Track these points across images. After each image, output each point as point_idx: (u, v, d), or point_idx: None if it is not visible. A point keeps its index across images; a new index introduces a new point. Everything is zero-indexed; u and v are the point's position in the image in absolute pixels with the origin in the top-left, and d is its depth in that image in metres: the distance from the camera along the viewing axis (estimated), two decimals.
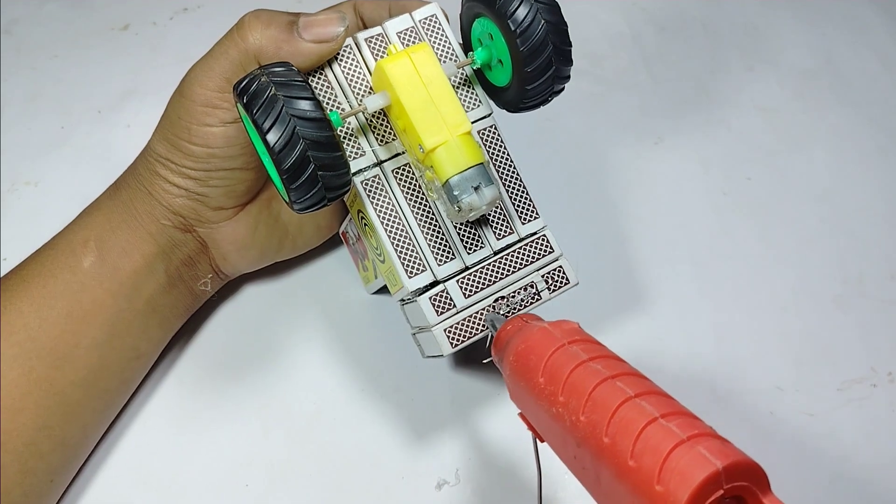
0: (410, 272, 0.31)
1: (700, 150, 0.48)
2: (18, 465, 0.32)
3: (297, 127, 0.25)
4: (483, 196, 0.28)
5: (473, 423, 0.39)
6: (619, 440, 0.20)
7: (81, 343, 0.33)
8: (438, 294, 0.31)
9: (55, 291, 0.33)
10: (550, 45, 0.28)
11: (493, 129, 0.32)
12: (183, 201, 0.35)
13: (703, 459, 0.19)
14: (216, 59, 0.32)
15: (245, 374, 0.39)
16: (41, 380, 0.32)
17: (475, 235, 0.32)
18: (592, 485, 0.22)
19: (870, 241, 0.45)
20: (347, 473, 0.37)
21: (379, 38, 0.31)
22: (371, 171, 0.31)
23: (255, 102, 0.26)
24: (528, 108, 0.31)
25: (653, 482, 0.19)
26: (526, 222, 0.32)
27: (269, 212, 0.37)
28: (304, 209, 0.28)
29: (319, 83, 0.31)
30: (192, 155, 0.33)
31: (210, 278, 0.38)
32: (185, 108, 0.32)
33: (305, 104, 0.26)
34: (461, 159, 0.28)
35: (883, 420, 0.40)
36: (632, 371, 0.23)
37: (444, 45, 0.32)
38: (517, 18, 0.28)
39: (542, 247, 0.32)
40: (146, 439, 0.38)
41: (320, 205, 0.28)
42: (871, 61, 0.52)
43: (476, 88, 0.32)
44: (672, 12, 0.53)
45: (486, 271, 0.31)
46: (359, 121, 0.31)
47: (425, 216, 0.31)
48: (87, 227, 0.35)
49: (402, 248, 0.31)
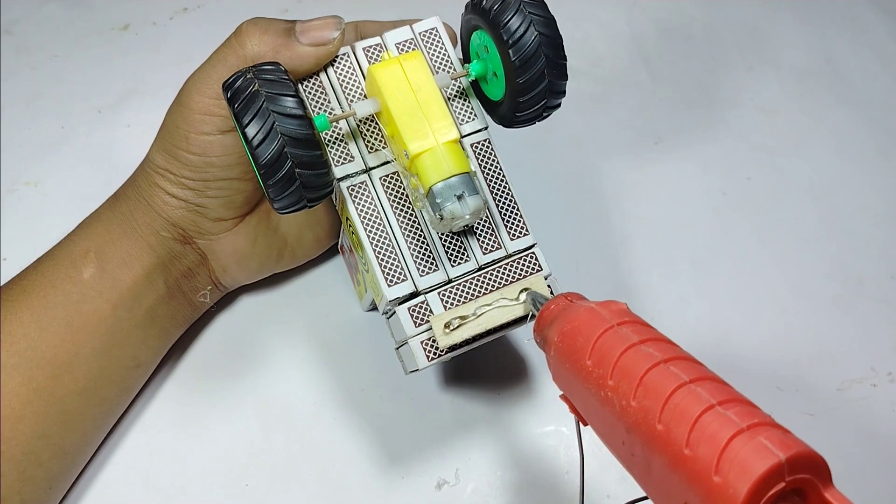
0: (390, 281, 0.30)
1: (700, 150, 0.48)
2: (17, 472, 0.32)
3: (276, 123, 0.26)
4: (466, 205, 0.27)
5: (473, 424, 0.39)
6: (674, 427, 0.20)
7: (81, 352, 0.33)
8: (418, 305, 0.30)
9: (55, 301, 0.33)
10: (543, 57, 0.28)
11: (488, 143, 0.32)
12: (182, 213, 0.35)
13: (765, 450, 0.18)
14: (214, 66, 0.32)
15: (245, 375, 0.39)
16: (41, 389, 0.32)
17: (461, 248, 0.31)
18: (641, 472, 0.21)
19: (870, 241, 0.45)
20: (347, 473, 0.37)
21: (377, 47, 0.31)
22: (359, 177, 0.30)
23: (237, 97, 0.26)
24: (521, 122, 0.31)
25: (710, 472, 0.18)
26: (515, 238, 0.31)
27: (267, 223, 0.37)
28: (284, 208, 0.28)
29: (313, 87, 0.31)
30: (190, 164, 0.33)
31: (209, 290, 0.38)
32: (182, 116, 0.32)
33: (287, 101, 0.26)
34: (445, 167, 0.27)
35: (883, 420, 0.40)
36: (685, 355, 0.22)
37: (443, 57, 0.32)
38: (510, 28, 0.28)
39: (530, 264, 0.31)
40: (146, 441, 0.38)
41: (299, 204, 0.27)
42: (870, 61, 0.52)
43: (472, 101, 0.32)
44: (672, 12, 0.53)
45: (470, 285, 0.30)
46: (349, 126, 0.31)
47: (411, 226, 0.31)
48: (87, 238, 0.35)
49: (384, 256, 0.30)
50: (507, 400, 0.39)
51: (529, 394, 0.39)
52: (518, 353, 0.40)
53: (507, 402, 0.39)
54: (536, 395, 0.39)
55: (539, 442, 0.38)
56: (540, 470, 0.38)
